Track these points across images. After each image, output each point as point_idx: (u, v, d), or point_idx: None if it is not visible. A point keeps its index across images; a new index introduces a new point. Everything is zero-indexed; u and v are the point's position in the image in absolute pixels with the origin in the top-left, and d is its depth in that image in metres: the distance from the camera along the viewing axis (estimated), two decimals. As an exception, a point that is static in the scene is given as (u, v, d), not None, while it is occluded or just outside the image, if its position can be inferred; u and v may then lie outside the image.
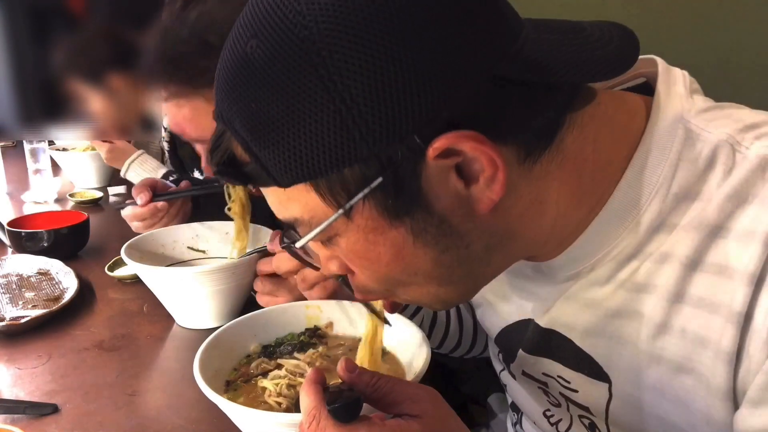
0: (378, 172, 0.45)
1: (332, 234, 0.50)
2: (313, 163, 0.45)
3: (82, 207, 1.66)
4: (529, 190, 0.50)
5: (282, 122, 0.45)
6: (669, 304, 0.51)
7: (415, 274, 0.52)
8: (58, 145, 2.07)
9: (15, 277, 1.13)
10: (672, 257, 0.50)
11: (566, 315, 0.59)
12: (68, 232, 1.28)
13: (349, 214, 0.48)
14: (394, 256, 0.50)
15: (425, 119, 0.44)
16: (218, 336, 0.73)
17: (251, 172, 0.49)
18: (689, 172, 0.50)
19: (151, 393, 0.82)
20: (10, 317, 0.97)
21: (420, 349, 0.69)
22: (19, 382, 0.84)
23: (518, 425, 0.80)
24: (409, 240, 0.49)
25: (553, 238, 0.55)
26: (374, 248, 0.50)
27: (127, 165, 1.77)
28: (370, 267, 0.52)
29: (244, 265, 0.96)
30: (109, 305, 1.08)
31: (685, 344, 0.50)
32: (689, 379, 0.51)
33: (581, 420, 0.64)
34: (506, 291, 0.69)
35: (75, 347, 0.93)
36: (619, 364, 0.56)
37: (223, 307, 0.98)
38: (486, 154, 0.45)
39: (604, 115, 0.52)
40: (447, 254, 0.50)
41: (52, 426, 0.74)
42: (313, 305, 0.81)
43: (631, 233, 0.52)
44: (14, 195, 1.81)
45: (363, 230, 0.49)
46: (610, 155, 0.52)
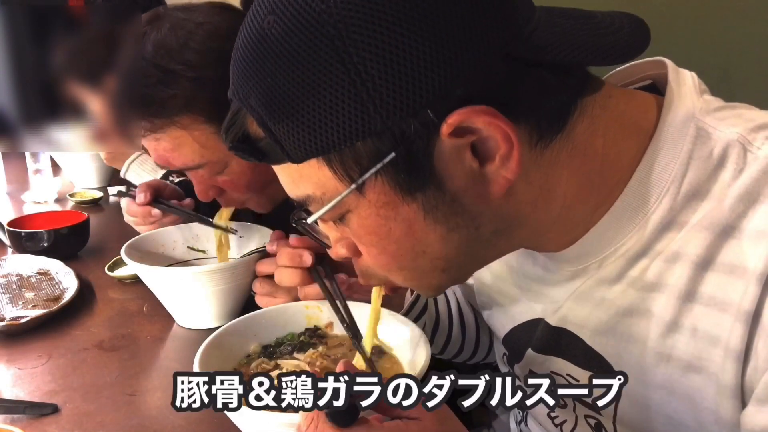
0: (391, 147, 0.46)
1: (344, 210, 0.51)
2: (327, 137, 0.46)
3: (82, 207, 1.66)
4: (539, 176, 0.50)
5: (297, 96, 0.45)
6: (680, 303, 0.51)
7: (423, 252, 0.52)
8: (58, 145, 2.06)
9: (15, 277, 1.13)
10: (683, 256, 0.50)
11: (577, 313, 0.59)
12: (68, 232, 1.28)
13: (361, 188, 0.48)
14: (405, 232, 0.50)
15: (439, 94, 0.44)
16: (218, 336, 0.73)
17: (265, 148, 0.50)
18: (700, 171, 0.50)
19: (151, 393, 0.82)
20: (10, 317, 0.97)
21: (420, 349, 0.69)
22: (19, 382, 0.84)
23: (523, 423, 0.80)
24: (420, 216, 0.49)
25: (556, 229, 0.55)
26: (386, 224, 0.50)
27: (127, 165, 1.77)
28: (380, 244, 0.52)
29: (244, 265, 0.96)
30: (109, 305, 1.08)
31: (695, 343, 0.50)
32: (698, 377, 0.51)
33: (587, 420, 0.64)
34: (515, 292, 0.69)
35: (75, 347, 0.93)
36: (629, 363, 0.56)
37: (223, 307, 0.98)
38: (500, 129, 0.45)
39: (615, 109, 0.53)
40: (456, 233, 0.51)
41: (52, 426, 0.74)
42: (313, 305, 0.81)
43: (640, 230, 0.52)
44: (14, 195, 1.81)
45: (375, 205, 0.49)
46: (620, 150, 0.52)
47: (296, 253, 0.80)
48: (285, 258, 0.81)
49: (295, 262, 0.80)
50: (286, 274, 0.81)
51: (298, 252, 0.80)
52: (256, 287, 0.90)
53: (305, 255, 0.79)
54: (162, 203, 1.11)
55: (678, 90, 0.54)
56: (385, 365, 0.73)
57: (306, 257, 0.79)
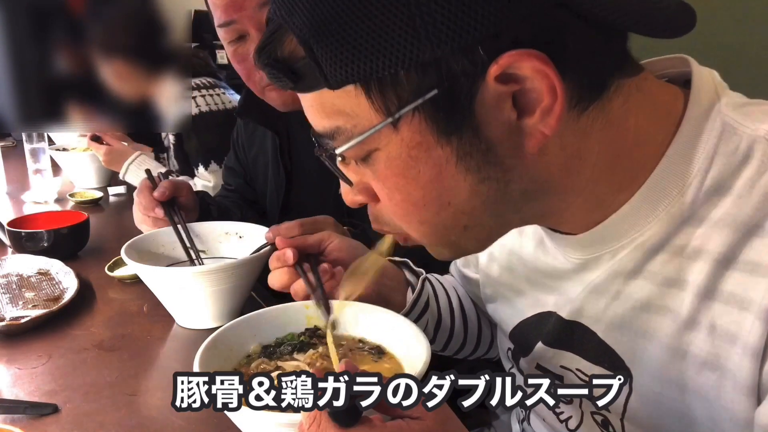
0: (435, 83, 0.45)
1: (372, 148, 0.49)
2: (372, 61, 0.44)
3: (82, 207, 1.66)
4: (573, 141, 0.50)
5: (346, 14, 0.44)
6: (698, 300, 0.51)
7: (448, 204, 0.51)
8: (58, 145, 2.07)
9: (15, 277, 1.13)
10: (704, 253, 0.50)
11: (592, 306, 0.59)
12: (68, 232, 1.28)
13: (397, 123, 0.47)
14: (434, 177, 0.49)
15: (492, 31, 0.43)
16: (218, 336, 0.73)
17: (302, 70, 0.48)
18: (724, 166, 0.50)
19: (151, 393, 0.82)
20: (10, 317, 0.97)
21: (420, 349, 0.69)
22: (19, 382, 0.84)
23: (525, 422, 0.80)
24: (452, 161, 0.48)
25: (578, 204, 0.54)
26: (415, 165, 0.49)
27: (126, 167, 1.77)
28: (405, 189, 0.50)
29: (244, 265, 0.96)
30: (109, 305, 1.08)
31: (713, 340, 0.50)
32: (714, 375, 0.51)
33: (594, 417, 0.64)
34: (523, 286, 0.69)
35: (75, 347, 0.93)
36: (642, 359, 0.55)
37: (223, 307, 0.98)
38: (547, 79, 0.45)
39: (649, 92, 0.52)
40: (485, 185, 0.49)
41: (52, 426, 0.74)
42: (313, 305, 0.81)
43: (660, 222, 0.52)
44: (14, 195, 1.81)
45: (407, 144, 0.48)
46: (649, 136, 0.52)
47: (281, 253, 0.80)
48: (273, 260, 0.82)
49: (281, 262, 0.80)
50: (275, 276, 0.81)
51: (282, 251, 0.80)
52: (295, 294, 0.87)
53: (287, 252, 0.79)
54: (171, 213, 1.11)
55: (703, 85, 0.54)
56: (385, 365, 0.73)
57: (288, 255, 0.79)
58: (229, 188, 1.46)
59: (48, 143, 1.89)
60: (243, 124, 1.41)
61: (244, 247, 1.09)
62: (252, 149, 1.39)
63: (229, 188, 1.47)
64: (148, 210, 1.12)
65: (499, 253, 0.73)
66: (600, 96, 0.49)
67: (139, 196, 1.15)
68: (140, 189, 1.15)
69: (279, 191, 1.31)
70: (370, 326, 0.79)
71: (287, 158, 1.30)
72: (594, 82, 0.49)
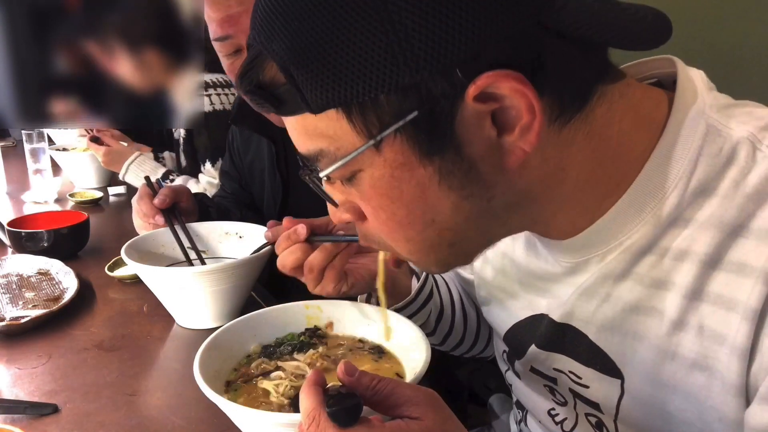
0: (415, 105, 0.45)
1: (356, 169, 0.50)
2: (351, 86, 0.45)
3: (82, 207, 1.66)
4: (555, 154, 0.50)
5: (325, 41, 0.45)
6: (687, 301, 0.51)
7: (432, 221, 0.51)
8: (58, 145, 2.07)
9: (15, 277, 1.13)
10: (690, 254, 0.51)
11: (583, 309, 0.59)
12: (68, 232, 1.28)
13: (379, 145, 0.47)
14: (417, 196, 0.50)
15: (470, 55, 0.44)
16: (218, 336, 0.73)
17: (283, 95, 0.49)
18: (709, 168, 0.51)
19: (151, 393, 0.82)
20: (10, 317, 0.97)
21: (420, 349, 0.69)
22: (19, 382, 0.84)
23: (523, 423, 0.80)
24: (435, 180, 0.49)
25: (565, 211, 0.55)
26: (398, 185, 0.49)
27: (126, 167, 1.77)
28: (389, 208, 0.51)
29: (244, 265, 0.96)
30: (109, 305, 1.08)
31: (701, 341, 0.51)
32: (703, 375, 0.51)
33: (588, 418, 0.64)
34: (515, 288, 0.69)
35: (75, 347, 0.93)
36: (633, 361, 0.56)
37: (223, 307, 0.98)
38: (525, 98, 0.45)
39: (632, 98, 0.53)
40: (468, 202, 0.50)
41: (52, 426, 0.74)
42: (313, 305, 0.81)
43: (646, 225, 0.52)
44: (14, 195, 1.81)
45: (390, 165, 0.48)
46: (633, 141, 0.52)
47: (291, 231, 0.79)
48: (281, 240, 0.80)
49: (292, 240, 0.79)
50: (286, 255, 0.79)
51: (293, 229, 0.79)
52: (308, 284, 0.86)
53: (298, 228, 0.78)
54: (171, 220, 1.11)
55: (688, 87, 0.54)
56: (384, 365, 0.73)
57: (300, 230, 0.78)
58: (225, 191, 1.46)
59: (48, 143, 1.89)
60: (238, 129, 1.41)
61: (244, 247, 1.09)
62: (248, 155, 1.39)
63: (225, 191, 1.47)
64: (148, 217, 1.12)
65: (493, 256, 0.74)
66: (582, 107, 0.50)
67: (139, 203, 1.14)
68: (140, 196, 1.15)
69: (276, 198, 1.31)
70: (370, 326, 0.79)
71: (284, 165, 1.30)
72: (575, 95, 0.49)
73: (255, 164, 1.36)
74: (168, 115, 1.32)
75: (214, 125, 1.68)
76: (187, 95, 1.27)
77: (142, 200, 1.13)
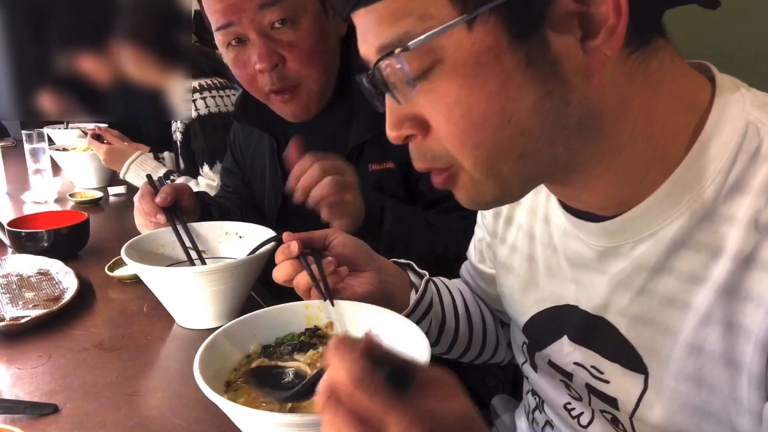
0: None
1: (438, 58, 0.49)
2: None
3: (82, 207, 1.66)
4: (621, 81, 0.52)
5: None
6: (718, 297, 0.52)
7: (509, 121, 0.50)
8: (58, 145, 2.07)
9: (15, 277, 1.13)
10: (725, 251, 0.51)
11: (618, 301, 0.59)
12: (68, 232, 1.28)
13: (472, 23, 0.48)
14: (500, 86, 0.49)
15: None
16: (218, 336, 0.73)
17: None
18: (746, 165, 0.51)
19: (151, 393, 0.82)
20: (10, 317, 0.97)
21: (420, 349, 0.69)
22: (19, 382, 0.84)
23: (537, 411, 0.80)
24: (520, 68, 0.49)
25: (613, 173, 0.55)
26: (482, 74, 0.49)
27: (126, 166, 1.77)
28: (466, 102, 0.50)
29: (244, 265, 0.96)
30: (109, 305, 1.08)
31: (729, 336, 0.51)
32: (729, 370, 0.52)
33: (603, 414, 0.64)
34: (540, 278, 0.70)
35: (75, 347, 0.93)
36: (661, 355, 0.56)
37: (223, 307, 0.98)
38: None
39: (680, 68, 0.55)
40: (548, 100, 0.50)
41: (52, 426, 0.74)
42: (313, 305, 0.81)
43: (681, 217, 0.53)
44: (14, 195, 1.81)
45: (478, 49, 0.48)
46: (677, 119, 0.54)
47: (285, 246, 0.80)
48: (278, 254, 0.81)
49: (285, 255, 0.80)
50: (279, 268, 0.81)
51: (287, 244, 0.80)
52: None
53: (292, 245, 0.79)
54: (173, 219, 1.11)
55: (727, 84, 0.55)
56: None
57: (293, 246, 0.79)
58: (227, 189, 1.46)
59: (48, 143, 1.90)
60: (240, 125, 1.41)
61: (244, 247, 1.09)
62: (249, 151, 1.39)
63: (227, 189, 1.47)
64: (149, 216, 1.12)
65: (521, 243, 0.74)
66: (646, 44, 0.51)
67: (140, 201, 1.14)
68: (142, 194, 1.15)
69: (277, 194, 1.31)
70: (370, 326, 0.79)
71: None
72: (644, 25, 0.51)
73: (256, 160, 1.37)
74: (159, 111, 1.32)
75: (210, 128, 1.69)
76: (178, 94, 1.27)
77: (143, 198, 1.13)
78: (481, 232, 0.87)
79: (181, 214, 1.13)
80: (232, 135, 1.44)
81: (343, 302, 0.81)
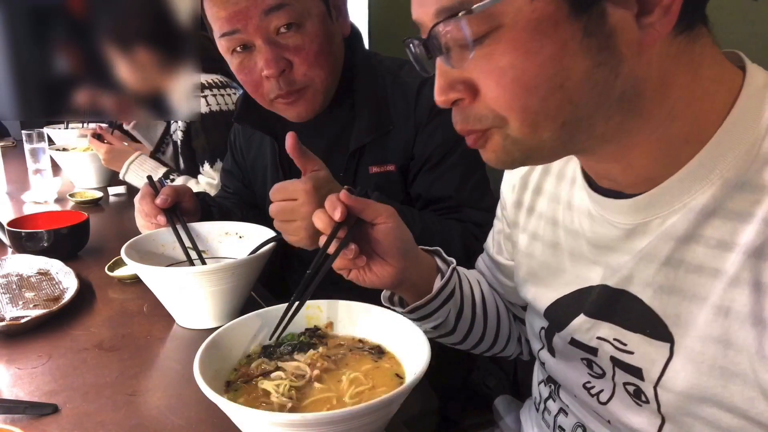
0: None
1: (496, 24, 0.50)
2: None
3: (82, 207, 1.66)
4: (666, 61, 0.53)
5: None
6: (746, 258, 0.53)
7: (560, 87, 0.52)
8: (58, 145, 2.07)
9: (15, 277, 1.13)
10: (756, 217, 0.52)
11: (643, 273, 0.60)
12: (68, 232, 1.28)
13: None
14: (555, 53, 0.50)
15: None
16: (218, 336, 0.73)
17: None
18: None
19: (151, 393, 0.82)
20: (10, 317, 0.97)
21: (420, 349, 0.69)
22: (19, 382, 0.84)
23: (550, 400, 0.81)
24: (577, 37, 0.50)
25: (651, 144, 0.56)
26: (539, 39, 0.50)
27: (126, 166, 1.77)
28: (520, 66, 0.51)
29: (244, 265, 0.96)
30: (109, 305, 1.08)
31: (758, 295, 0.52)
32: (756, 329, 0.52)
33: (626, 387, 0.65)
34: (564, 262, 0.71)
35: (75, 347, 0.93)
36: (687, 321, 0.57)
37: (223, 307, 0.98)
38: None
39: (718, 55, 0.56)
40: (599, 71, 0.51)
41: (52, 426, 0.74)
42: (313, 305, 0.81)
43: (713, 187, 0.55)
44: (14, 195, 1.81)
45: (538, 16, 0.50)
46: (716, 94, 0.55)
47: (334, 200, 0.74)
48: (327, 201, 0.76)
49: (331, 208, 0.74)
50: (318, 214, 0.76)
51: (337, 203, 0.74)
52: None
53: (336, 212, 0.73)
54: (173, 220, 1.11)
55: (756, 69, 0.57)
56: (384, 365, 0.73)
57: (338, 212, 0.73)
58: (228, 191, 1.46)
59: (48, 143, 1.90)
60: (241, 127, 1.41)
61: (244, 247, 1.09)
62: (250, 153, 1.39)
63: (227, 190, 1.47)
64: (150, 217, 1.12)
65: (544, 230, 0.75)
66: (691, 27, 0.53)
67: (141, 203, 1.14)
68: (142, 195, 1.15)
69: None
70: (370, 326, 0.79)
71: (286, 162, 1.30)
72: (694, 7, 0.52)
73: (257, 162, 1.36)
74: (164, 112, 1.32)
75: (211, 126, 1.68)
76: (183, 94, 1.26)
77: (143, 200, 1.13)
78: (500, 224, 0.87)
79: (181, 215, 1.13)
80: (232, 136, 1.44)
81: (344, 302, 0.81)
